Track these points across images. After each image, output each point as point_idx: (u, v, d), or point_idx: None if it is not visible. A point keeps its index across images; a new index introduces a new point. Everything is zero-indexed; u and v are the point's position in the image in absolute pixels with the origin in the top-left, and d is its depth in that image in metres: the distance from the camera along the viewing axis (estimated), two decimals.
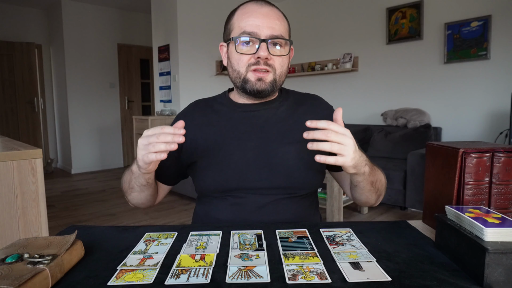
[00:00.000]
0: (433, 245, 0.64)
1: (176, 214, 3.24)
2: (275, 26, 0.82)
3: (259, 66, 0.82)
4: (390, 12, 3.86)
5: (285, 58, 0.86)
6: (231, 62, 0.87)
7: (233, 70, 0.86)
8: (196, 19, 4.20)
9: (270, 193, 0.85)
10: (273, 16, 0.83)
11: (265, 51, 0.81)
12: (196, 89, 4.27)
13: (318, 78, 4.63)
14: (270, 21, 0.82)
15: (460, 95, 3.43)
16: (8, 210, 1.35)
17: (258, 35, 0.81)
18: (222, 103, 0.94)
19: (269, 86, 0.84)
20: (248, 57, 0.83)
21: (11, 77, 5.08)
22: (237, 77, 0.85)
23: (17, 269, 0.48)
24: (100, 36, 5.33)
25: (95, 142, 5.41)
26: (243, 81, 0.84)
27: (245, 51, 0.83)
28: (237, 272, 0.53)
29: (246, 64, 0.83)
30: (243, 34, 0.82)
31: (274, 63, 0.83)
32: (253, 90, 0.84)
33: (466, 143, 0.73)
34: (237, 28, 0.84)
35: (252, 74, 0.83)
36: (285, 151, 0.86)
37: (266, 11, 0.83)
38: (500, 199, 0.67)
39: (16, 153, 1.36)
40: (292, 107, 0.93)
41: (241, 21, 0.83)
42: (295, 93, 0.98)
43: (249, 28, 0.81)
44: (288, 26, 0.88)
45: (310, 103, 0.95)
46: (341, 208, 2.69)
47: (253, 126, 0.89)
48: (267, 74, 0.83)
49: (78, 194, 4.06)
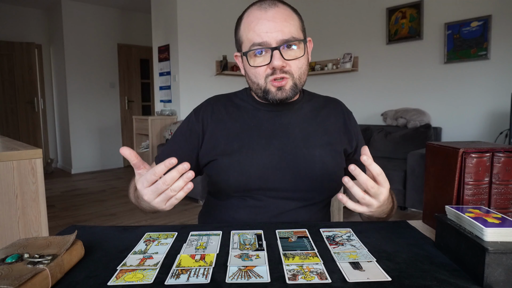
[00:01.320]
0: (433, 245, 0.64)
1: (176, 214, 3.24)
2: (284, 29, 0.77)
3: (277, 75, 0.79)
4: (390, 12, 3.86)
5: (302, 58, 0.81)
6: (249, 75, 0.85)
7: (252, 83, 0.84)
8: (196, 19, 4.20)
9: (291, 197, 0.84)
10: (280, 18, 0.78)
11: (279, 60, 0.77)
12: (196, 89, 4.27)
13: (318, 78, 4.63)
14: (277, 25, 0.77)
15: (460, 95, 3.43)
16: (8, 210, 1.35)
17: (268, 43, 0.77)
18: (244, 100, 0.92)
19: (290, 93, 0.81)
20: (263, 68, 0.80)
21: (11, 77, 5.08)
22: (258, 88, 0.83)
23: (17, 269, 0.48)
24: (100, 36, 5.33)
25: (95, 142, 5.41)
26: (264, 92, 0.82)
27: (259, 62, 0.80)
28: (237, 272, 0.53)
29: (264, 76, 0.81)
30: (252, 46, 0.79)
31: (291, 68, 0.80)
32: (275, 100, 0.82)
33: (466, 143, 0.73)
34: (246, 41, 0.81)
35: (271, 85, 0.81)
36: (309, 154, 0.85)
37: (271, 15, 0.78)
38: (500, 199, 0.67)
39: (16, 153, 1.36)
40: (316, 109, 0.92)
41: (248, 32, 0.80)
42: (317, 96, 0.98)
43: (258, 39, 0.78)
44: (300, 19, 0.83)
45: (332, 107, 0.95)
46: (341, 208, 2.67)
47: (278, 126, 0.87)
48: (286, 81, 0.80)
49: (78, 194, 4.06)
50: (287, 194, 0.84)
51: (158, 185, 0.59)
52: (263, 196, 0.84)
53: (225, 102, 0.93)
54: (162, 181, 0.59)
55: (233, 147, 0.85)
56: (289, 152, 0.85)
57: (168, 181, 0.59)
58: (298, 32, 0.81)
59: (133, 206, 3.65)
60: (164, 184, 0.59)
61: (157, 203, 0.62)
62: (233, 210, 0.86)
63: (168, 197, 0.61)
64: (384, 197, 0.63)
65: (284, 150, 0.85)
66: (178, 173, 0.58)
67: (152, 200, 0.61)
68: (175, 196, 0.60)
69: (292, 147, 0.85)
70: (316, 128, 0.88)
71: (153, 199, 0.61)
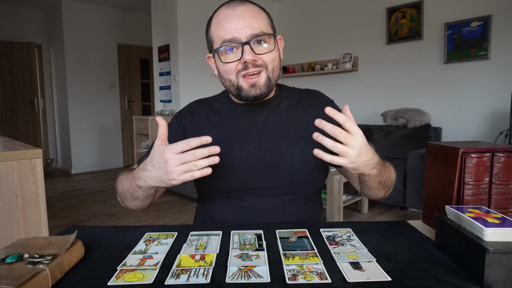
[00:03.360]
0: (433, 245, 0.64)
1: (176, 214, 3.24)
2: (254, 24, 0.78)
3: (249, 70, 0.79)
4: (390, 12, 3.86)
5: (274, 51, 0.82)
6: (221, 73, 0.85)
7: (224, 80, 0.85)
8: (196, 19, 4.20)
9: (274, 194, 0.85)
10: (249, 15, 0.79)
11: (249, 54, 0.77)
12: (196, 89, 4.27)
13: (318, 78, 4.63)
14: (246, 21, 0.78)
15: (460, 95, 3.43)
16: (8, 210, 1.35)
17: (238, 39, 0.78)
18: (222, 103, 0.93)
19: (264, 88, 0.82)
20: (235, 64, 0.80)
21: (11, 77, 5.08)
22: (230, 85, 0.84)
23: (17, 269, 0.48)
24: (100, 36, 5.33)
25: (95, 142, 5.41)
26: (237, 89, 0.82)
27: (230, 58, 0.80)
28: (237, 272, 0.53)
29: (235, 71, 0.81)
30: (223, 43, 0.79)
31: (264, 61, 0.80)
32: (249, 97, 0.82)
33: (466, 143, 0.73)
34: (217, 39, 0.81)
35: (244, 81, 0.81)
36: (289, 149, 0.85)
37: (240, 12, 0.79)
38: (500, 199, 0.67)
39: (16, 153, 1.36)
40: (293, 104, 0.92)
41: (218, 30, 0.80)
42: (295, 89, 0.98)
43: (228, 35, 0.78)
44: (268, 17, 0.85)
45: (311, 99, 0.94)
46: (341, 208, 2.69)
47: (255, 125, 0.88)
48: (259, 76, 0.80)
49: (78, 194, 4.06)
50: (270, 191, 0.85)
51: (187, 155, 0.63)
52: (246, 195, 0.85)
53: (204, 108, 0.94)
54: (192, 152, 0.63)
55: None
56: (268, 149, 0.85)
57: (197, 155, 0.63)
58: (267, 28, 0.82)
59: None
60: (192, 155, 0.63)
61: (175, 171, 0.64)
62: (219, 211, 0.87)
63: (187, 170, 0.63)
64: (359, 144, 0.64)
65: (262, 147, 0.85)
66: (208, 152, 0.63)
67: (173, 166, 0.64)
68: (192, 172, 0.64)
69: (271, 145, 0.86)
70: (295, 123, 0.89)
71: (174, 165, 0.63)
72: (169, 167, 0.64)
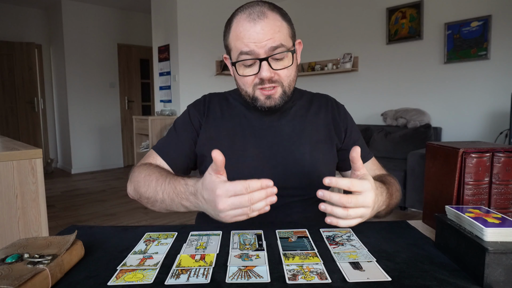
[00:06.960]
0: (433, 245, 0.64)
1: (176, 214, 3.24)
2: (274, 36, 0.76)
3: (265, 85, 0.79)
4: (390, 12, 3.85)
5: (291, 68, 0.81)
6: (237, 82, 0.85)
7: (241, 89, 0.85)
8: (196, 19, 4.20)
9: (283, 194, 0.84)
10: (269, 30, 0.76)
11: (267, 72, 0.77)
12: (196, 89, 4.27)
13: (318, 78, 4.63)
14: (266, 36, 0.76)
15: (460, 95, 3.43)
16: (8, 210, 1.35)
17: (256, 54, 0.77)
18: (236, 99, 0.94)
19: (279, 101, 0.82)
20: (251, 78, 0.80)
21: (11, 77, 5.08)
22: (246, 95, 0.84)
23: (17, 269, 0.48)
24: (100, 36, 5.33)
25: (95, 142, 5.41)
26: (253, 100, 0.83)
27: (247, 72, 0.80)
28: (237, 272, 0.53)
29: (252, 85, 0.81)
30: (240, 55, 0.78)
31: (280, 77, 0.80)
32: (264, 107, 0.82)
33: (466, 143, 0.73)
34: (234, 48, 0.80)
35: (260, 93, 0.81)
36: (300, 151, 0.86)
37: (260, 28, 0.76)
38: (500, 199, 0.67)
39: (16, 153, 1.36)
40: (305, 106, 0.94)
41: (236, 41, 0.79)
42: (307, 93, 0.99)
43: (246, 48, 0.77)
44: (289, 26, 0.82)
45: (321, 103, 0.96)
46: None
47: (268, 126, 0.89)
48: (275, 90, 0.80)
49: (78, 194, 4.05)
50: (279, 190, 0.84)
51: (242, 199, 0.56)
52: None
53: (219, 101, 0.94)
54: (248, 197, 0.56)
55: (224, 146, 0.86)
56: (279, 149, 0.86)
57: (254, 200, 0.57)
58: (287, 40, 0.80)
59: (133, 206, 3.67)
60: (249, 201, 0.56)
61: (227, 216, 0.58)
62: None
63: (241, 214, 0.58)
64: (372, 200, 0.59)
65: (274, 149, 0.86)
66: (265, 195, 0.57)
67: (226, 211, 0.57)
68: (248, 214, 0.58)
69: (282, 146, 0.86)
70: (306, 126, 0.90)
71: (227, 209, 0.57)
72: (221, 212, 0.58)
